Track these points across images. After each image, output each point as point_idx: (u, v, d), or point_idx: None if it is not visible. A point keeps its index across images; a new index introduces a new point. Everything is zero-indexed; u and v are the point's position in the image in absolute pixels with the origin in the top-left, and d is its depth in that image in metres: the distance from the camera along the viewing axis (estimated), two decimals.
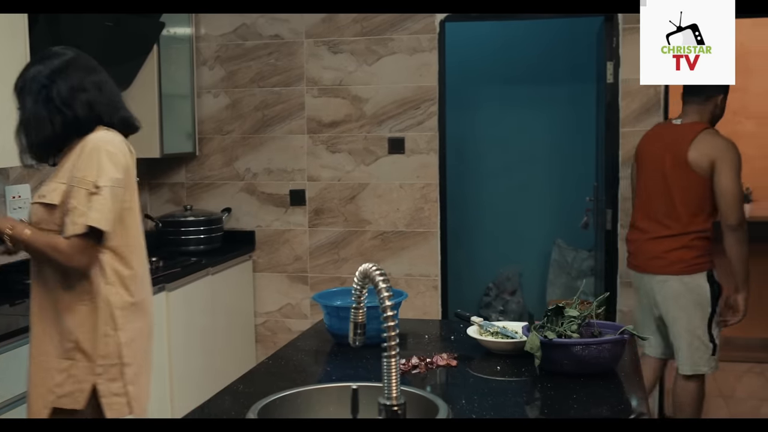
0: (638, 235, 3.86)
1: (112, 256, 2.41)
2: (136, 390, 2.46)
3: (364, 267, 1.80)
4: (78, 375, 2.37)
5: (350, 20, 4.67)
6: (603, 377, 2.25)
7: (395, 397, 1.69)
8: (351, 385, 1.88)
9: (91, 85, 2.47)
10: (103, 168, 2.34)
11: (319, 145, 4.76)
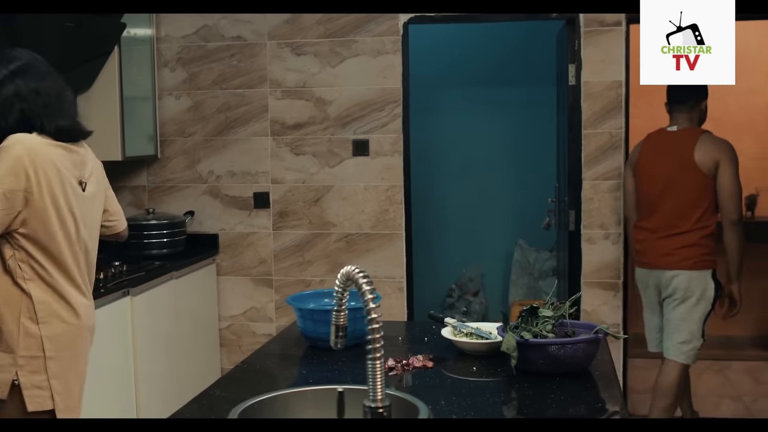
0: (646, 234, 4.05)
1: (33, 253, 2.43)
2: (61, 384, 2.47)
3: (346, 269, 1.81)
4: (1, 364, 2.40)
5: (313, 22, 4.65)
6: (578, 376, 2.28)
7: (380, 399, 1.69)
8: (336, 387, 1.87)
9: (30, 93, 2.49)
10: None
11: (283, 148, 4.73)
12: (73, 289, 2.52)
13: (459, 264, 6.17)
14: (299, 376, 2.40)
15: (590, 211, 4.52)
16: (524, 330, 2.34)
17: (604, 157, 4.49)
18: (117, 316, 3.79)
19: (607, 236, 4.52)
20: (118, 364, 3.79)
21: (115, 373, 3.77)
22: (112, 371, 3.74)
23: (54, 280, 2.46)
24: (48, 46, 3.76)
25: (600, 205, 4.51)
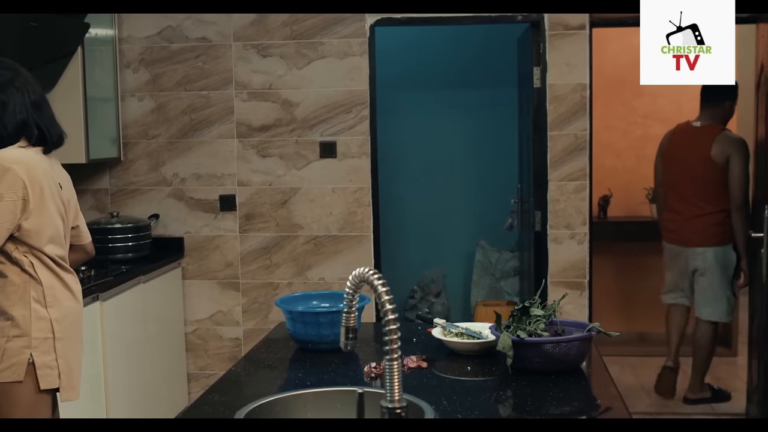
0: (675, 216, 4.88)
1: (35, 245, 2.62)
2: (65, 364, 2.68)
3: (359, 271, 1.81)
4: (13, 350, 2.58)
5: (279, 23, 4.63)
6: (571, 374, 2.31)
7: (398, 399, 1.69)
8: (356, 389, 1.87)
9: (30, 105, 2.67)
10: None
11: (249, 150, 4.70)
12: (71, 275, 2.76)
13: (420, 265, 6.19)
14: (295, 378, 2.39)
15: (556, 212, 4.59)
16: (519, 329, 2.36)
17: (570, 158, 4.56)
18: (87, 321, 3.69)
19: (572, 236, 4.59)
20: (88, 369, 3.71)
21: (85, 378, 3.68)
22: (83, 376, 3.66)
23: (56, 267, 2.68)
24: (10, 45, 3.69)
25: (566, 205, 4.58)
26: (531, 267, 4.84)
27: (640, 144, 6.22)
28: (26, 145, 2.65)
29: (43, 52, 3.98)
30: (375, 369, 2.35)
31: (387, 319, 1.69)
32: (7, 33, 3.61)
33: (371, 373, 2.34)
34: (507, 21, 4.64)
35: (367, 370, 2.35)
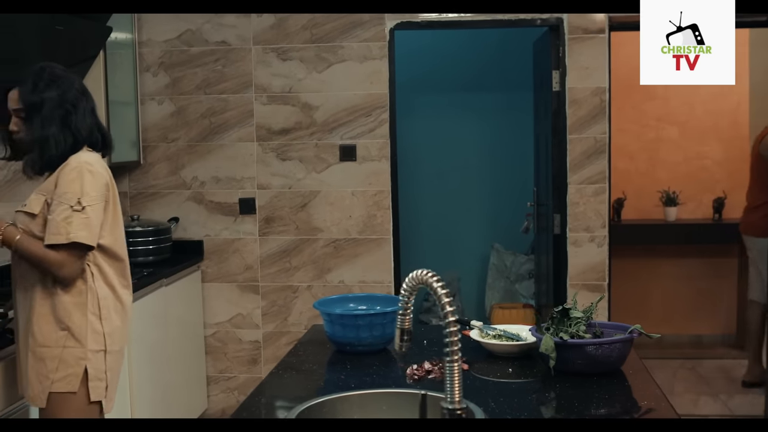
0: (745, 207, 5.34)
1: (101, 256, 2.67)
2: (111, 377, 2.71)
3: (417, 273, 1.81)
4: (66, 361, 2.59)
5: (299, 27, 4.64)
6: (612, 375, 2.32)
7: (458, 401, 1.70)
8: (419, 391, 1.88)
9: (90, 111, 2.75)
10: (86, 188, 2.57)
11: (269, 153, 4.71)
12: (125, 289, 2.77)
13: (434, 268, 6.08)
14: (338, 380, 2.39)
15: (576, 215, 4.60)
16: (562, 331, 2.37)
17: (589, 161, 4.58)
18: None
19: (592, 239, 4.60)
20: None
21: None
22: None
23: (112, 280, 2.70)
24: (36, 47, 3.69)
25: (585, 208, 4.59)
26: (550, 270, 4.85)
27: (652, 147, 6.24)
28: (90, 150, 2.70)
29: (67, 55, 3.99)
30: (417, 371, 2.36)
31: (447, 321, 1.70)
32: (33, 36, 3.61)
33: (414, 375, 2.34)
34: (526, 24, 4.65)
35: (409, 372, 2.36)
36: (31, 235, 2.59)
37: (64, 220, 2.52)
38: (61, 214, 2.53)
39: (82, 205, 2.55)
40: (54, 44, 3.80)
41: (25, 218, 2.62)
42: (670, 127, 6.19)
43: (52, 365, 2.59)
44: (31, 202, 2.61)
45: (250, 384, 4.82)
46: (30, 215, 2.60)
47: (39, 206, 2.59)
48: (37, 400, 2.61)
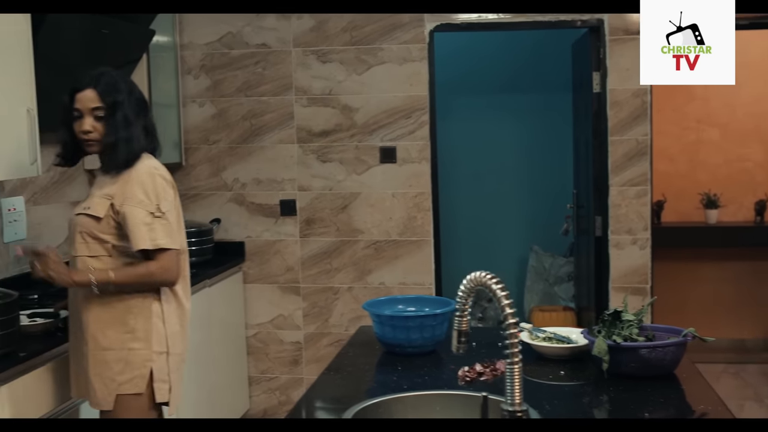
0: None
1: None
2: (174, 379, 2.71)
3: (475, 275, 1.81)
4: (133, 363, 2.60)
5: (339, 29, 4.66)
6: (666, 379, 2.31)
7: (518, 403, 1.70)
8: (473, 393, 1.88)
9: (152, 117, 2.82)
10: (161, 193, 2.61)
11: (310, 155, 4.73)
12: (186, 294, 2.78)
13: (472, 270, 6.15)
14: (390, 382, 2.39)
15: (618, 217, 4.57)
16: (614, 334, 2.36)
17: (631, 163, 4.55)
18: None
19: (634, 241, 4.57)
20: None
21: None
22: None
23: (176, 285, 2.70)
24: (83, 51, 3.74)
25: (627, 210, 4.56)
26: (591, 272, 4.82)
27: (693, 149, 6.18)
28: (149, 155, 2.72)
29: (112, 58, 4.02)
30: (468, 373, 2.36)
31: (508, 323, 1.70)
32: (80, 40, 3.66)
33: (465, 377, 2.34)
34: (566, 26, 4.64)
35: (461, 374, 2.35)
36: (95, 238, 2.60)
37: (147, 226, 2.55)
38: (143, 219, 2.56)
39: (161, 210, 2.59)
40: (100, 48, 3.85)
41: (88, 221, 2.61)
42: (710, 129, 6.13)
43: (118, 367, 2.60)
44: (95, 206, 2.61)
45: (291, 385, 4.84)
46: (95, 218, 2.60)
47: (104, 210, 2.59)
48: (103, 403, 2.62)
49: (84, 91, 2.61)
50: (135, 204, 2.57)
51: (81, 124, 2.61)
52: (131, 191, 2.58)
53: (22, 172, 3.15)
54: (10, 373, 2.67)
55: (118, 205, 2.57)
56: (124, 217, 2.56)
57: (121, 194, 2.58)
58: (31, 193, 3.81)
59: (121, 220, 2.58)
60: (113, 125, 2.59)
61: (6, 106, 3.00)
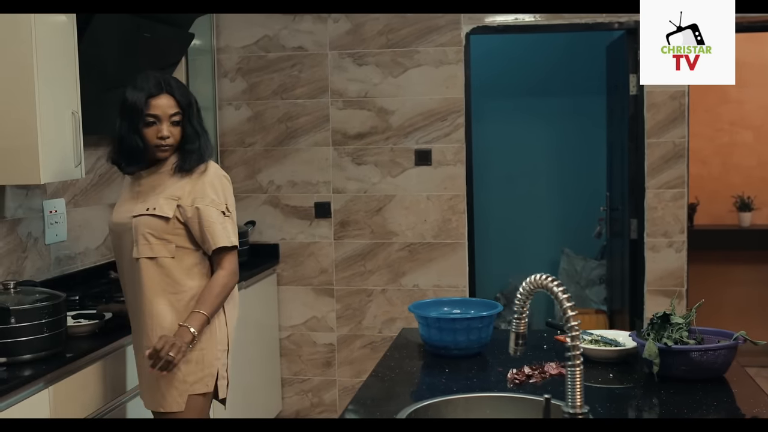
0: None
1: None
2: (230, 374, 2.80)
3: (535, 277, 1.81)
4: (205, 362, 2.64)
5: (375, 32, 4.68)
6: (717, 382, 2.30)
7: (579, 405, 1.70)
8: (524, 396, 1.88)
9: None
10: (228, 194, 2.68)
11: (345, 158, 4.75)
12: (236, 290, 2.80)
13: (503, 273, 6.18)
14: (440, 384, 2.39)
15: (654, 220, 4.55)
16: (661, 336, 2.35)
17: (668, 166, 4.53)
18: None
19: (670, 244, 4.55)
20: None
21: None
22: None
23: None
24: (125, 54, 3.78)
25: (664, 213, 4.54)
26: (625, 275, 4.80)
27: (726, 151, 6.15)
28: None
29: (153, 61, 4.07)
30: (517, 375, 2.36)
31: (570, 326, 1.70)
32: (122, 43, 3.70)
33: (514, 380, 2.35)
34: (603, 28, 4.63)
35: (510, 376, 2.36)
36: (160, 239, 2.60)
37: (221, 224, 2.60)
38: (216, 219, 2.60)
39: (229, 210, 2.65)
40: (141, 51, 3.88)
41: (155, 222, 2.61)
42: (744, 131, 6.09)
43: (189, 368, 2.61)
44: (162, 207, 2.61)
45: (323, 387, 4.86)
46: (163, 219, 2.60)
47: (172, 210, 2.60)
48: (174, 405, 2.62)
49: (160, 97, 2.60)
50: (208, 203, 2.60)
51: (159, 130, 2.60)
52: (202, 191, 2.61)
53: (67, 174, 3.18)
54: (57, 374, 2.70)
55: (186, 205, 2.60)
56: (197, 217, 2.59)
57: (189, 195, 2.60)
58: (71, 195, 3.85)
59: (189, 220, 2.60)
60: (191, 130, 2.63)
61: (53, 110, 3.03)
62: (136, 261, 2.63)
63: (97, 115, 3.42)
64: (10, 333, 2.64)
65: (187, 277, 2.63)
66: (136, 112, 2.58)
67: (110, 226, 2.76)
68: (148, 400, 2.71)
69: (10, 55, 2.91)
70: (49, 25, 3.00)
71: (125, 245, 2.67)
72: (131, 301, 2.71)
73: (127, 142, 2.60)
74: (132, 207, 2.67)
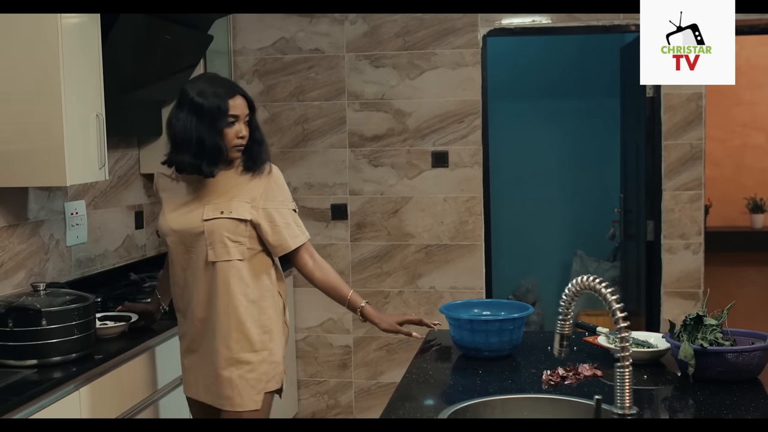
0: None
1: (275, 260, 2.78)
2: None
3: (582, 278, 1.82)
4: (275, 359, 2.70)
5: (392, 34, 4.68)
6: (751, 383, 2.30)
7: (628, 406, 1.71)
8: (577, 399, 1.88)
9: None
10: (288, 192, 2.75)
11: (361, 159, 4.75)
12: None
13: (515, 274, 6.19)
14: (477, 385, 2.39)
15: (671, 222, 4.56)
16: (694, 338, 2.36)
17: (685, 168, 4.54)
18: None
19: (687, 246, 4.56)
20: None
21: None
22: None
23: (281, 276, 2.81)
24: (147, 56, 3.78)
25: (681, 215, 4.55)
26: (640, 277, 4.81)
27: (738, 153, 6.17)
28: None
29: (173, 63, 4.08)
30: (552, 377, 2.37)
31: (620, 327, 1.70)
32: (144, 46, 3.70)
33: (549, 381, 2.35)
34: (620, 30, 4.64)
35: (545, 377, 2.37)
36: (235, 241, 2.62)
37: (295, 223, 2.70)
38: (290, 219, 2.69)
39: (295, 208, 2.75)
40: (162, 53, 3.89)
41: (233, 224, 2.61)
42: (756, 134, 6.12)
43: (263, 368, 2.65)
44: (237, 209, 2.62)
45: (339, 388, 4.86)
46: (242, 221, 2.62)
47: (249, 213, 2.62)
48: (251, 403, 2.64)
49: (236, 98, 2.61)
50: (280, 204, 2.66)
51: (238, 129, 2.61)
52: (272, 192, 2.66)
53: (91, 176, 3.19)
54: (87, 376, 2.71)
55: (260, 207, 2.63)
56: (270, 218, 2.63)
57: (262, 197, 2.64)
58: (91, 198, 3.86)
59: (262, 221, 2.62)
60: (258, 129, 2.69)
61: (78, 112, 3.04)
62: (211, 265, 2.62)
63: (116, 117, 3.42)
64: (41, 335, 2.64)
65: (256, 278, 2.66)
66: (218, 113, 2.56)
67: (169, 231, 2.69)
68: (220, 400, 2.68)
69: (37, 57, 2.92)
70: (74, 27, 3.01)
71: (194, 249, 2.65)
72: (198, 303, 2.67)
73: (209, 143, 2.56)
74: (197, 210, 2.64)
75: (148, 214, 4.38)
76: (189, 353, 2.75)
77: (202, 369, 2.70)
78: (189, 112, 2.57)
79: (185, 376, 2.79)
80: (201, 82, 2.64)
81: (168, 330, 3.15)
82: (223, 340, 2.63)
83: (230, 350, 2.63)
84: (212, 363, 2.66)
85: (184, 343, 2.78)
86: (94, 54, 3.19)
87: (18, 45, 2.90)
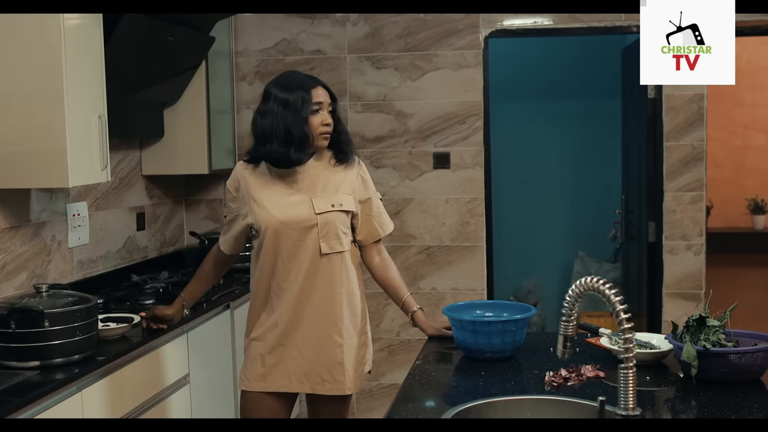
0: None
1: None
2: None
3: (585, 280, 1.82)
4: (369, 344, 2.91)
5: (394, 36, 4.68)
6: (753, 384, 2.30)
7: (632, 407, 1.71)
8: (581, 400, 1.88)
9: None
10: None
11: (363, 161, 4.70)
12: None
13: (516, 275, 6.19)
14: (480, 386, 2.39)
15: (672, 223, 4.56)
16: (699, 339, 2.36)
17: (687, 168, 4.54)
18: (220, 329, 3.80)
19: (689, 247, 4.56)
20: (223, 375, 3.81)
21: (219, 384, 3.78)
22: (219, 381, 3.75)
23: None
24: (149, 57, 3.79)
25: (682, 216, 4.55)
26: (642, 278, 4.81)
27: (739, 154, 6.17)
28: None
29: (175, 64, 4.09)
30: (554, 378, 2.37)
31: (623, 328, 1.70)
32: (147, 47, 3.71)
33: (552, 382, 2.35)
34: (622, 31, 4.63)
35: (547, 379, 2.37)
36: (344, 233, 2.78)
37: (384, 212, 2.93)
38: (382, 208, 2.92)
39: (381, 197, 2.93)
40: (165, 54, 3.90)
41: (343, 217, 2.77)
42: (757, 135, 6.12)
43: (362, 352, 2.85)
44: (345, 201, 2.77)
45: None
46: (349, 213, 2.80)
47: (355, 205, 2.80)
48: (353, 386, 2.82)
49: (317, 88, 2.70)
50: (373, 194, 2.88)
51: (324, 117, 2.70)
52: (367, 182, 2.87)
53: (93, 177, 3.20)
54: (89, 378, 2.71)
55: (360, 197, 2.81)
56: (367, 208, 2.84)
57: (360, 187, 2.83)
58: (93, 199, 3.86)
59: (360, 210, 2.81)
60: (341, 122, 2.81)
61: (80, 113, 3.05)
62: (321, 256, 2.73)
63: (118, 119, 3.43)
64: (44, 336, 2.65)
65: (352, 266, 2.85)
66: (303, 102, 2.65)
67: (276, 224, 2.73)
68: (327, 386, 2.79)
69: (39, 58, 2.92)
70: (76, 29, 3.01)
71: (302, 242, 2.71)
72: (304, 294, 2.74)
73: (296, 132, 2.63)
74: (303, 203, 2.72)
75: (149, 216, 4.38)
76: (278, 347, 2.77)
77: (301, 358, 2.75)
78: (274, 106, 2.67)
79: (268, 371, 2.78)
80: (283, 78, 2.75)
81: (168, 331, 3.15)
82: (335, 328, 2.76)
83: (342, 337, 2.77)
84: (321, 350, 2.75)
85: (271, 338, 2.77)
86: (96, 55, 3.19)
87: (20, 46, 2.91)
